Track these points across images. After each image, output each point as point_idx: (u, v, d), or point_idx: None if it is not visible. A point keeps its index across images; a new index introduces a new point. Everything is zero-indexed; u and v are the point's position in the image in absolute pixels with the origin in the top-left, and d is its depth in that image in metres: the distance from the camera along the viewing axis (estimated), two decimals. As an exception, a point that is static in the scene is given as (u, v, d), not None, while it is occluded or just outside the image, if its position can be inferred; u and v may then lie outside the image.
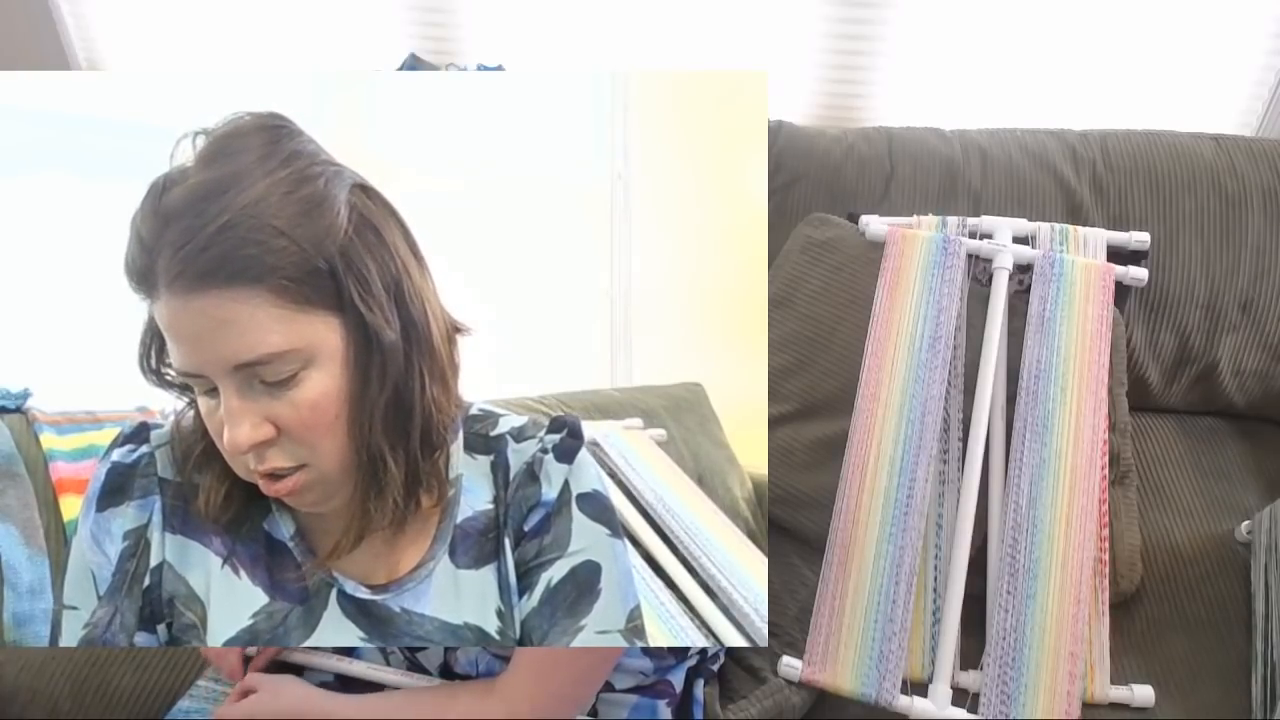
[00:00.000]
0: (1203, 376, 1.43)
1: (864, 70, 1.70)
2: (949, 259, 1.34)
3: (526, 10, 1.74)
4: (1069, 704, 1.06)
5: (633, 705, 0.96)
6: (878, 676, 1.10)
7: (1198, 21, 1.58)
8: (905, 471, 1.20)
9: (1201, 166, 1.42)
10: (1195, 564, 1.26)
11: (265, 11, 1.80)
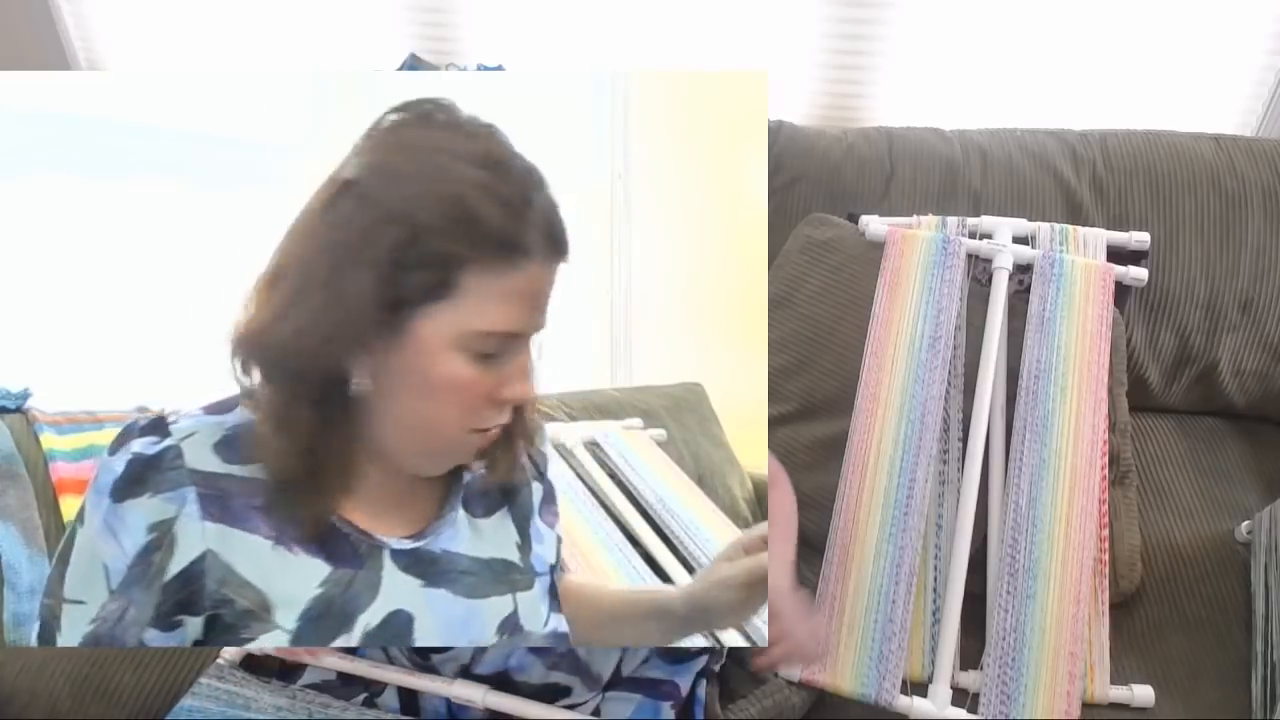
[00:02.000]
0: (1203, 376, 1.43)
1: (864, 70, 1.70)
2: (949, 259, 1.34)
3: (526, 10, 1.74)
4: (1069, 704, 1.06)
5: (637, 705, 0.96)
6: (877, 676, 1.10)
7: (1198, 21, 1.58)
8: (905, 471, 1.20)
9: (1201, 166, 1.42)
10: (1195, 564, 1.26)
11: (265, 11, 1.80)
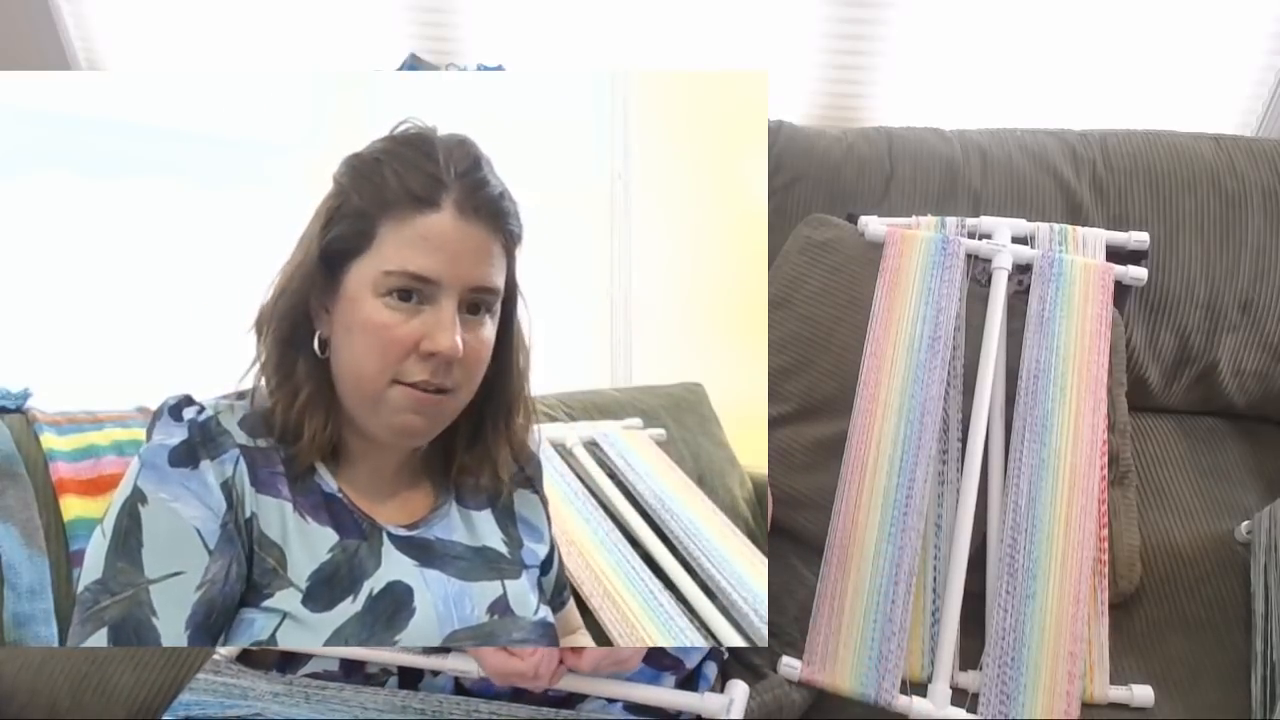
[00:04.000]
0: (1203, 376, 1.43)
1: (864, 70, 1.70)
2: (948, 259, 1.34)
3: (526, 10, 1.74)
4: (1068, 704, 1.06)
5: (638, 670, 0.96)
6: (877, 676, 1.10)
7: (1198, 21, 1.58)
8: (904, 472, 1.20)
9: (1201, 166, 1.42)
10: (1195, 564, 1.26)
11: (265, 11, 1.80)
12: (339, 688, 0.95)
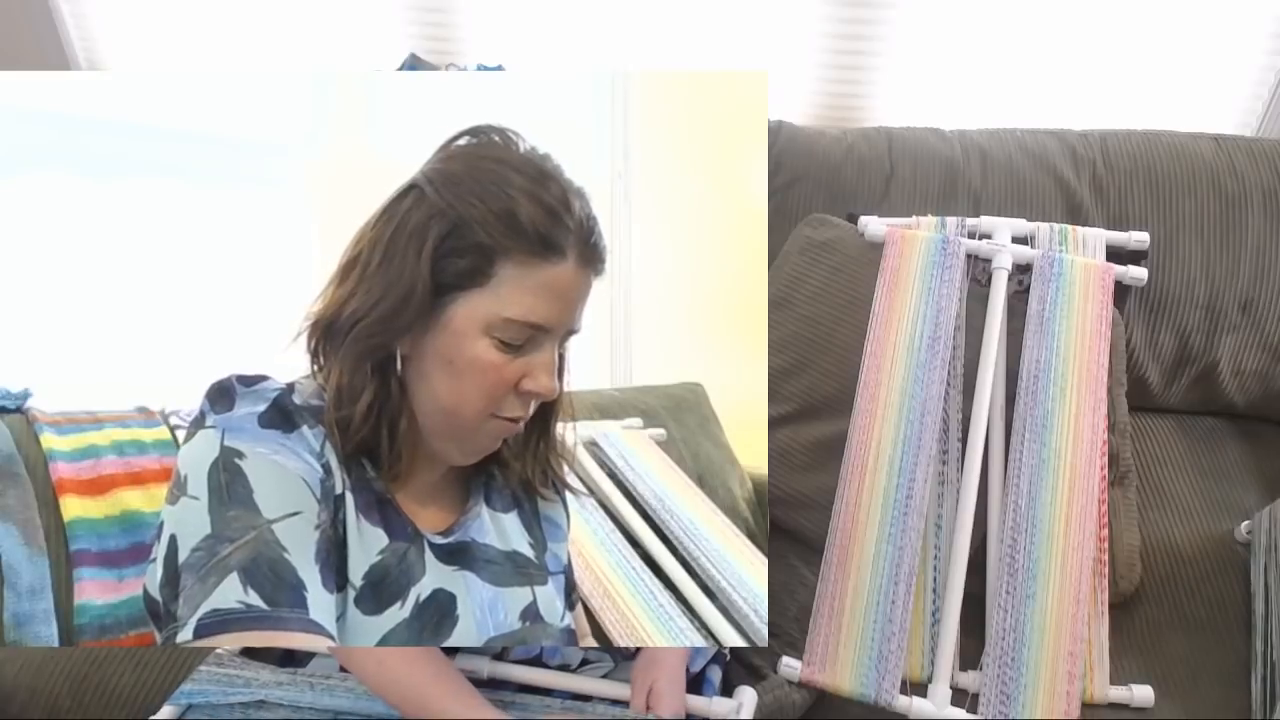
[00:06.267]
0: (1203, 376, 1.43)
1: (864, 70, 1.70)
2: (948, 259, 1.34)
3: (526, 10, 1.74)
4: (1068, 704, 1.06)
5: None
6: (877, 677, 1.10)
7: (1198, 21, 1.58)
8: (904, 472, 1.20)
9: (1201, 166, 1.42)
10: (1195, 564, 1.26)
11: (265, 11, 1.80)
12: (343, 677, 0.95)
